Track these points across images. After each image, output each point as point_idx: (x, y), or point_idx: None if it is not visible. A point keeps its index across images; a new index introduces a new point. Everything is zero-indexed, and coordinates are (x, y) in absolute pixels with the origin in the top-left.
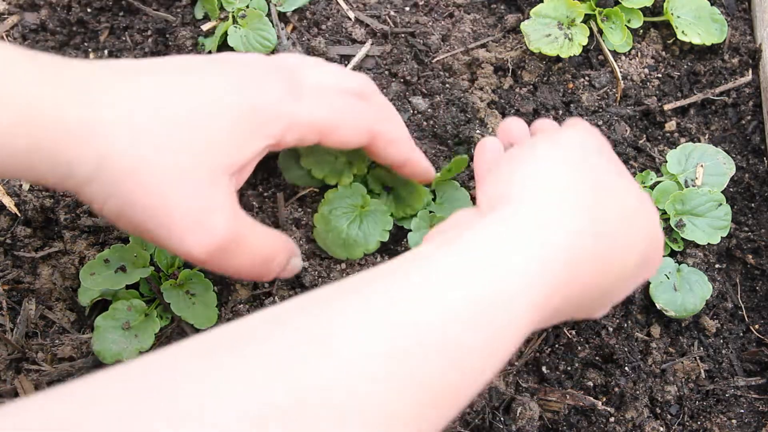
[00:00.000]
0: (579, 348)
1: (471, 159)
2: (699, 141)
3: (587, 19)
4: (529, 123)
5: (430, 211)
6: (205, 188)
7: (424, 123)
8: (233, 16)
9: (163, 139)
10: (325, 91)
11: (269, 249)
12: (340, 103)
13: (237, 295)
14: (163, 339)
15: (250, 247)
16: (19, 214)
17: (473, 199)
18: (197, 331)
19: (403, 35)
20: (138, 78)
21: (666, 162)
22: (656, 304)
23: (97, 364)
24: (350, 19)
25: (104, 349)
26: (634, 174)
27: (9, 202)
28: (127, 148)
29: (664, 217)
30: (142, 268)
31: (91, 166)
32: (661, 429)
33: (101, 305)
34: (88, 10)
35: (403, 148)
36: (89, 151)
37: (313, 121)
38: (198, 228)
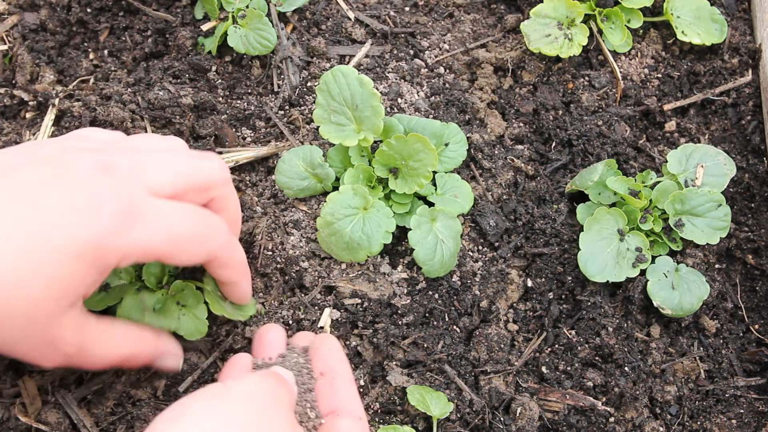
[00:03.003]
0: (579, 348)
1: (471, 158)
2: (699, 141)
3: (587, 19)
4: (529, 123)
5: (431, 204)
6: (51, 321)
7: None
8: (233, 16)
9: (6, 277)
10: (164, 210)
11: (123, 351)
12: (181, 226)
13: None
14: None
15: (99, 353)
16: None
17: (474, 191)
18: (187, 342)
19: (403, 35)
20: None
21: (666, 162)
22: (653, 302)
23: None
24: (350, 19)
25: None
26: (634, 174)
27: None
28: None
29: (663, 216)
30: (129, 284)
31: None
32: (661, 429)
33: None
34: (88, 10)
35: (234, 273)
36: None
37: (149, 251)
38: (46, 355)
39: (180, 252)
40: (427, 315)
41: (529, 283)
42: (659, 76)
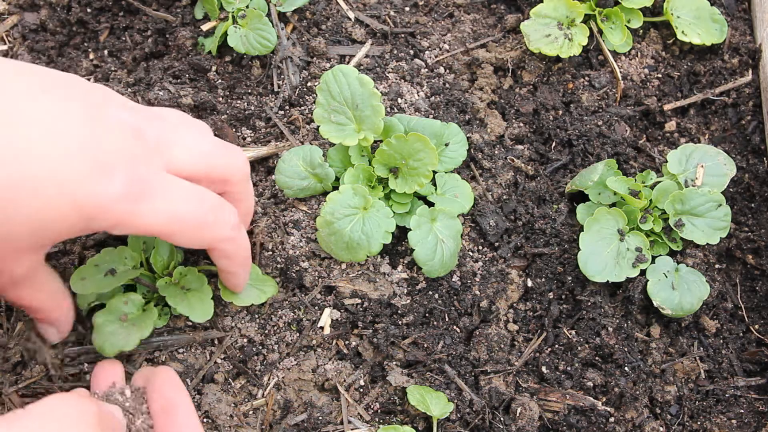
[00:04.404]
0: (579, 348)
1: (471, 158)
2: (699, 141)
3: (587, 19)
4: (529, 123)
5: (431, 204)
6: (20, 255)
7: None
8: (233, 16)
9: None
10: (174, 191)
11: (34, 305)
12: (186, 211)
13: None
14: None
15: (19, 297)
16: None
17: (474, 191)
18: (194, 324)
19: (403, 35)
20: None
21: (666, 162)
22: (653, 302)
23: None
24: (350, 19)
25: (105, 342)
26: (634, 174)
27: None
28: None
29: (663, 216)
30: (132, 269)
31: None
32: (661, 429)
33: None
34: (88, 10)
35: (233, 264)
36: None
37: (146, 228)
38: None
39: (179, 235)
40: (427, 315)
41: (529, 283)
42: (659, 76)
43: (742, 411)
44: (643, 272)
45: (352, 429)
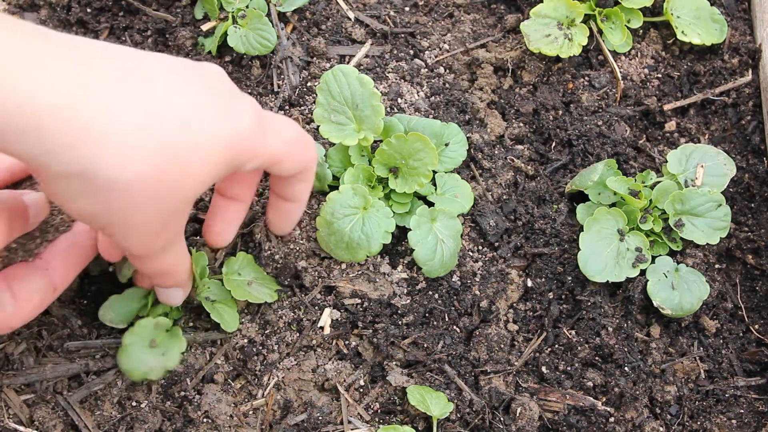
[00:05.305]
0: (579, 348)
1: (471, 158)
2: (699, 141)
3: (587, 19)
4: (529, 123)
5: (430, 204)
6: (186, 203)
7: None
8: (233, 16)
9: (151, 161)
10: (278, 120)
11: (183, 266)
12: (291, 133)
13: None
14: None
15: (170, 259)
16: None
17: (474, 191)
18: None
19: (403, 35)
20: (131, 84)
21: (666, 162)
22: (653, 302)
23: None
24: (350, 19)
25: (133, 367)
26: (633, 174)
27: None
28: (119, 164)
29: (663, 216)
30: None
31: (75, 167)
32: (661, 429)
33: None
34: (88, 10)
35: (306, 192)
36: (76, 151)
37: (272, 154)
38: (151, 237)
39: (290, 157)
40: (427, 315)
41: (529, 283)
42: (659, 76)
43: (742, 411)
44: (643, 272)
45: (352, 429)
